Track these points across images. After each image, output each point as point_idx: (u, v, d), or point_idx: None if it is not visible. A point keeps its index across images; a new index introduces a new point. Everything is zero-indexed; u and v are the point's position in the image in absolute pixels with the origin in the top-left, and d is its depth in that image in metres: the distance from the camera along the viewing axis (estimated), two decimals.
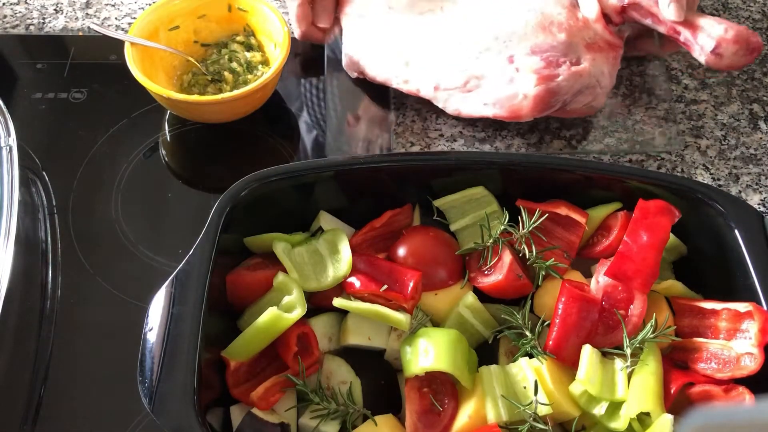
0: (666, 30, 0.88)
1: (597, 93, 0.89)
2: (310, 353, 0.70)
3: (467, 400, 0.67)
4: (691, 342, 0.69)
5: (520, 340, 0.71)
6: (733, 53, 0.85)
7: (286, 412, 0.68)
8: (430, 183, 0.77)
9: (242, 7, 0.96)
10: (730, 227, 0.70)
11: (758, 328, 0.65)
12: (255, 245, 0.74)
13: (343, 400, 0.68)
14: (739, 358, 0.66)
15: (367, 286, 0.71)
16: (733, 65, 0.86)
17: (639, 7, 0.88)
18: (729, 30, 0.84)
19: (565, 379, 0.68)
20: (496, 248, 0.74)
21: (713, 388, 0.66)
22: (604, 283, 0.71)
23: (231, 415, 0.67)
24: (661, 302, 0.72)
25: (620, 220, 0.74)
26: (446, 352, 0.67)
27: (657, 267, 0.70)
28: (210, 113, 0.91)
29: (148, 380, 0.61)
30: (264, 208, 0.73)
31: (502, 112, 0.87)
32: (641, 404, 0.64)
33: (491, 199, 0.76)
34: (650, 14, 0.88)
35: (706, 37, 0.85)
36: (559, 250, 0.74)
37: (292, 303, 0.68)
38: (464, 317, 0.73)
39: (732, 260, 0.70)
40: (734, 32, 0.84)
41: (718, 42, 0.84)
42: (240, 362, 0.68)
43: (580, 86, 0.87)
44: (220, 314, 0.70)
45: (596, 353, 0.68)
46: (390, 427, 0.67)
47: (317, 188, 0.75)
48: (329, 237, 0.74)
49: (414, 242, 0.75)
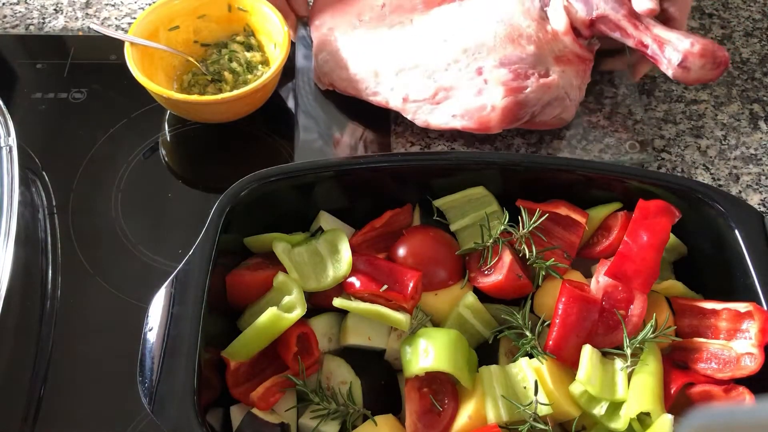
0: (634, 44, 0.88)
1: (566, 105, 0.89)
2: (310, 353, 0.69)
3: (467, 400, 0.67)
4: (691, 342, 0.69)
5: (520, 340, 0.71)
6: (700, 67, 0.85)
7: (286, 412, 0.68)
8: (430, 183, 0.77)
9: (242, 7, 0.96)
10: (730, 227, 0.70)
11: (758, 328, 0.65)
12: (255, 245, 0.74)
13: (343, 400, 0.68)
14: (740, 358, 0.66)
15: (367, 286, 0.71)
16: (701, 79, 0.86)
17: (607, 21, 0.88)
18: (695, 44, 0.85)
19: (565, 379, 0.68)
20: (496, 248, 0.74)
21: (713, 388, 0.66)
22: (604, 283, 0.71)
23: (231, 416, 0.67)
24: (662, 302, 0.72)
25: (620, 220, 0.74)
26: (446, 352, 0.67)
27: (657, 267, 0.70)
28: (210, 113, 0.91)
29: (148, 380, 0.61)
30: (264, 208, 0.73)
31: (470, 123, 0.87)
32: (641, 404, 0.64)
33: (491, 199, 0.76)
34: (618, 28, 0.88)
35: (673, 50, 0.85)
36: (559, 250, 0.74)
37: (292, 303, 0.68)
38: (464, 317, 0.73)
39: (732, 260, 0.70)
40: (701, 46, 0.84)
41: (685, 55, 0.84)
42: (240, 362, 0.68)
43: (549, 98, 0.87)
44: (220, 314, 0.70)
45: (596, 353, 0.68)
46: (390, 427, 0.67)
47: (317, 188, 0.75)
48: (329, 237, 0.74)
49: (414, 242, 0.75)
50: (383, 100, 0.92)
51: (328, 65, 0.94)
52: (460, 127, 0.88)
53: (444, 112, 0.89)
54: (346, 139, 0.93)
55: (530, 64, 0.87)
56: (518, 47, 0.88)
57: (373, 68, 0.91)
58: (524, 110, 0.87)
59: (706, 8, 1.09)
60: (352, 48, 0.93)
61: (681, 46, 0.85)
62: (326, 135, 0.94)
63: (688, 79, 0.87)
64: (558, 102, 0.88)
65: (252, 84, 0.88)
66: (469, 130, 0.88)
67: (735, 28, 1.07)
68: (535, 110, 0.88)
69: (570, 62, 0.89)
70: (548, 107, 0.88)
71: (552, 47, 0.89)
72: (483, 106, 0.86)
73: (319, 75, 0.95)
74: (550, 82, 0.87)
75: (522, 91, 0.86)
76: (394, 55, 0.91)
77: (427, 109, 0.90)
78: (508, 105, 0.86)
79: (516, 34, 0.89)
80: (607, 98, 0.96)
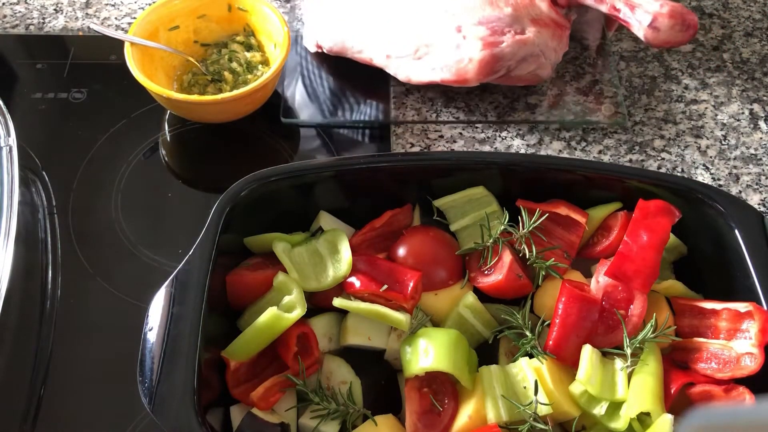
0: (607, 9, 0.94)
1: (541, 62, 0.94)
2: (310, 353, 0.70)
3: (467, 400, 0.67)
4: (691, 342, 0.69)
5: (520, 340, 0.71)
6: (670, 27, 0.90)
7: (286, 412, 0.68)
8: (430, 183, 0.77)
9: (242, 7, 0.96)
10: (730, 227, 0.70)
11: (758, 328, 0.65)
12: (255, 245, 0.74)
13: (343, 400, 0.68)
14: (740, 358, 0.66)
15: (367, 286, 0.71)
16: (671, 41, 0.92)
17: None
18: (664, 5, 0.91)
19: (565, 379, 0.68)
20: (496, 248, 0.74)
21: (713, 388, 0.66)
22: (604, 283, 0.71)
23: (231, 416, 0.67)
24: (662, 302, 0.72)
25: (620, 220, 0.74)
26: (446, 352, 0.67)
27: (657, 267, 0.70)
28: (210, 113, 0.91)
29: (148, 380, 0.61)
30: (264, 208, 0.73)
31: (449, 75, 0.92)
32: (641, 404, 0.64)
33: (491, 199, 0.76)
34: None
35: (643, 12, 0.91)
36: (560, 250, 0.74)
37: (292, 303, 0.68)
38: (464, 317, 0.73)
39: (732, 260, 0.70)
40: (669, 8, 0.91)
41: (655, 16, 0.91)
42: (240, 362, 0.68)
43: (524, 53, 0.92)
44: (220, 314, 0.71)
45: (596, 353, 0.68)
46: (390, 427, 0.67)
47: (317, 188, 0.75)
48: (329, 237, 0.74)
49: (414, 242, 0.75)
50: (368, 58, 0.96)
51: (317, 27, 0.98)
52: (439, 80, 0.93)
53: (424, 66, 0.94)
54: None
55: (507, 23, 0.92)
56: (496, 8, 0.92)
57: (359, 28, 0.96)
58: (500, 63, 0.91)
59: (706, 8, 1.09)
60: (339, 10, 0.97)
61: (651, 8, 0.91)
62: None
63: (658, 39, 0.92)
64: (533, 59, 0.93)
65: (252, 84, 0.88)
66: (448, 82, 0.93)
67: (735, 28, 1.07)
68: (510, 64, 0.92)
69: (546, 25, 0.94)
70: (523, 63, 0.93)
71: (529, 11, 0.93)
72: (461, 59, 0.91)
73: (308, 37, 0.99)
74: (526, 39, 0.91)
75: (498, 45, 0.90)
76: (378, 16, 0.95)
77: (408, 64, 0.94)
78: (485, 57, 0.90)
79: None
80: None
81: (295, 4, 1.07)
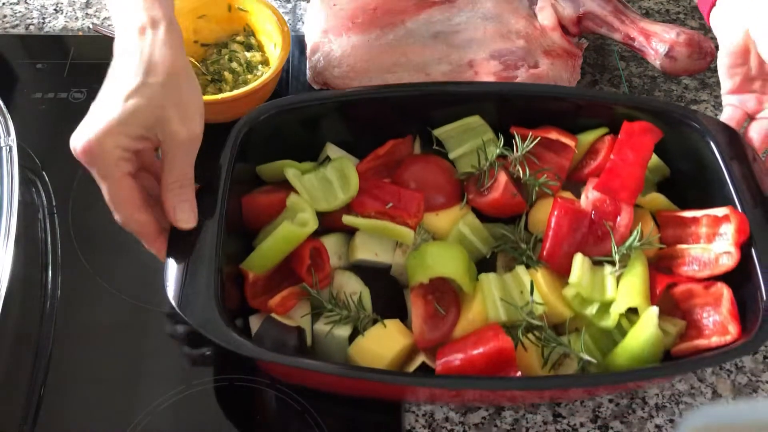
0: (621, 38, 0.93)
1: None
2: (322, 267, 0.74)
3: (468, 304, 0.72)
4: (674, 249, 0.75)
5: (516, 252, 0.76)
6: (687, 56, 0.88)
7: (302, 319, 0.73)
8: (429, 114, 0.81)
9: (242, 7, 0.96)
10: (706, 143, 0.75)
11: (734, 228, 0.70)
12: (267, 173, 0.79)
13: (354, 307, 0.73)
14: (718, 258, 0.71)
15: (374, 206, 0.75)
16: (689, 69, 0.90)
17: (594, 17, 0.92)
18: (681, 34, 0.89)
19: (558, 285, 0.74)
20: (492, 171, 0.79)
21: (694, 286, 0.71)
22: (593, 198, 0.76)
23: (250, 324, 0.72)
24: (647, 216, 0.78)
25: (607, 143, 0.79)
26: (449, 260, 0.72)
27: (642, 181, 0.75)
28: (210, 113, 0.89)
29: (174, 284, 0.66)
30: (275, 139, 0.78)
31: None
32: (629, 301, 0.69)
33: (486, 128, 0.81)
34: (605, 23, 0.92)
35: (659, 42, 0.89)
36: (551, 172, 0.79)
37: (305, 219, 0.73)
38: (464, 234, 0.78)
39: (710, 174, 0.75)
40: (686, 36, 0.89)
41: (671, 45, 0.89)
42: (257, 276, 0.72)
43: None
44: (237, 236, 0.75)
45: (587, 260, 0.73)
46: (398, 329, 0.72)
47: (325, 120, 0.80)
48: (337, 164, 0.79)
49: (415, 168, 0.80)
50: None
51: (322, 65, 0.95)
52: None
53: None
54: None
55: (520, 56, 0.91)
56: (508, 42, 0.92)
57: (366, 65, 0.93)
58: None
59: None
60: (346, 48, 0.95)
61: (667, 37, 0.89)
62: None
63: (676, 69, 0.90)
64: None
65: (252, 84, 0.88)
66: None
67: None
68: None
69: (559, 56, 0.93)
70: None
71: (541, 42, 0.93)
72: None
73: (313, 75, 0.95)
74: (540, 72, 0.90)
75: (512, 80, 0.89)
76: (386, 51, 0.94)
77: None
78: None
79: (505, 30, 0.93)
80: None
81: (295, 4, 1.05)
